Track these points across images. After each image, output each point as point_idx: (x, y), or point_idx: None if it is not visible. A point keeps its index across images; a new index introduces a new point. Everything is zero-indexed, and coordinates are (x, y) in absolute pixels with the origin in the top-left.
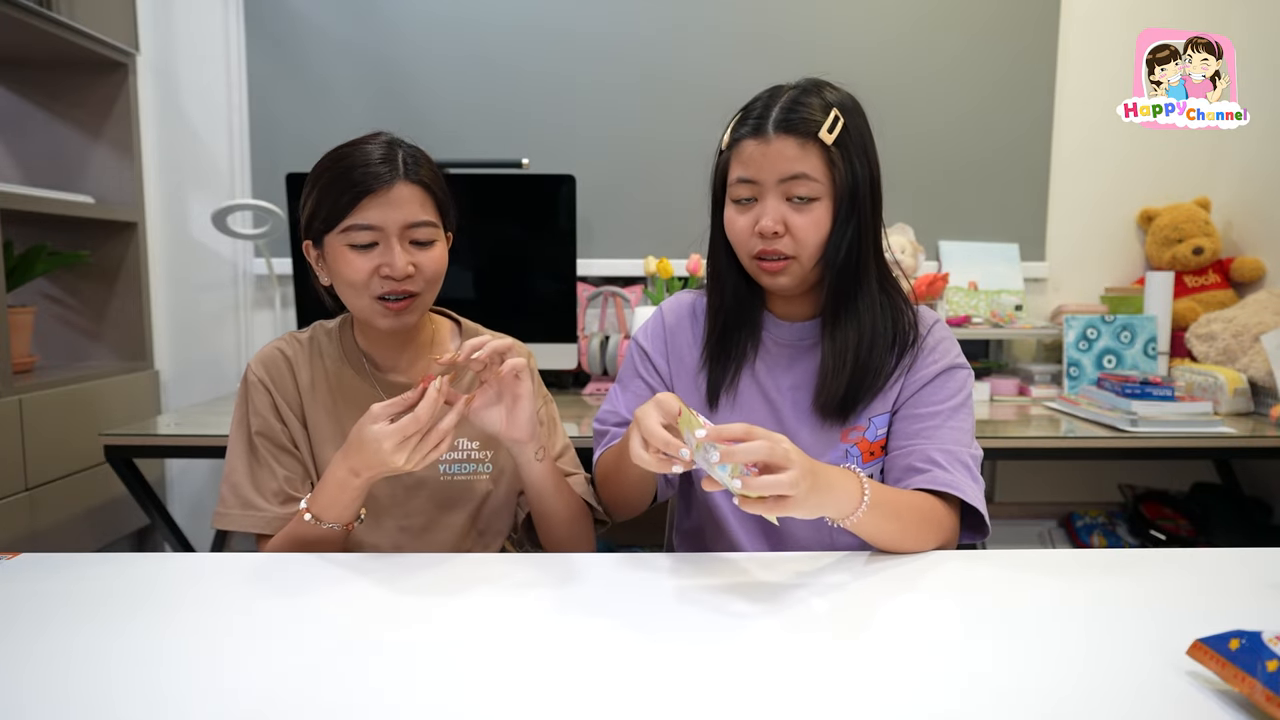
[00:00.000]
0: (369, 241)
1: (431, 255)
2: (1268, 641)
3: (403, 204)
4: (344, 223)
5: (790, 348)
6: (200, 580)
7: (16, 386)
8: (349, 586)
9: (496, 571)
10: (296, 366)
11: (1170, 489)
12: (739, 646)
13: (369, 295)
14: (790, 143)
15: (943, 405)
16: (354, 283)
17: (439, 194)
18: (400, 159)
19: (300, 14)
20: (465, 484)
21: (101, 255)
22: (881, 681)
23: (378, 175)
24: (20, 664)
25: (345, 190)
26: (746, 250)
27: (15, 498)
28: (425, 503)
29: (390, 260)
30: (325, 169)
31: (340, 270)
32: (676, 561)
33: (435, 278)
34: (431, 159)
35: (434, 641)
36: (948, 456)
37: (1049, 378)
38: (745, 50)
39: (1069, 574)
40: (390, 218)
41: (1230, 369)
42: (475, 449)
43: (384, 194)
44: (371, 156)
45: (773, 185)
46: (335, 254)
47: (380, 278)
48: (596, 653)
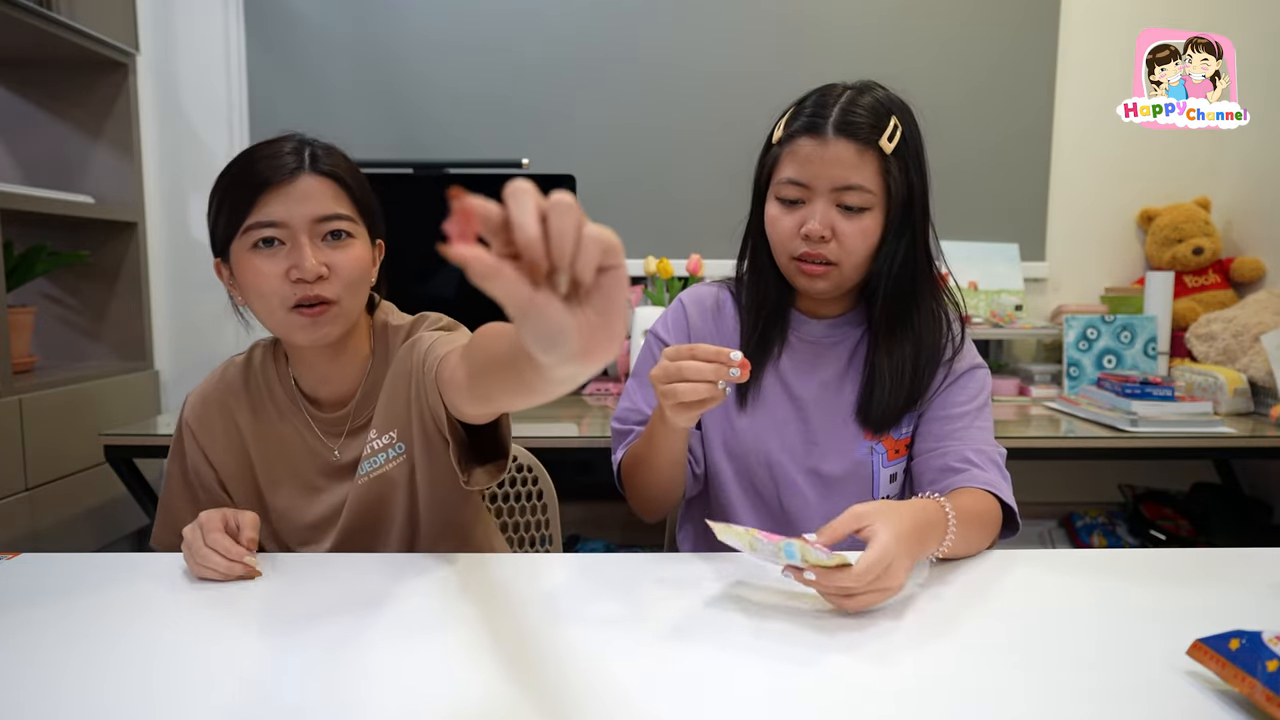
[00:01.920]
0: (272, 237)
1: (349, 255)
2: (1268, 641)
3: (310, 196)
4: (246, 221)
5: (816, 344)
6: (200, 580)
7: (16, 386)
8: (352, 586)
9: (497, 572)
10: (233, 408)
11: (1170, 489)
12: (741, 646)
13: (282, 306)
14: (849, 147)
15: (969, 406)
16: (263, 291)
17: (355, 188)
18: (307, 152)
19: (300, 14)
20: (384, 477)
21: (101, 255)
22: (881, 680)
23: (280, 166)
24: (20, 663)
25: (245, 186)
26: (787, 251)
27: (15, 497)
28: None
29: (299, 259)
30: (226, 172)
31: (247, 280)
32: (679, 561)
33: (355, 282)
34: (349, 158)
35: (436, 642)
36: (980, 456)
37: (1049, 378)
38: (745, 50)
39: (1069, 574)
40: (296, 212)
41: (1230, 369)
42: (378, 438)
43: (288, 186)
44: (274, 150)
45: (825, 191)
46: (240, 263)
47: (291, 283)
48: (597, 653)
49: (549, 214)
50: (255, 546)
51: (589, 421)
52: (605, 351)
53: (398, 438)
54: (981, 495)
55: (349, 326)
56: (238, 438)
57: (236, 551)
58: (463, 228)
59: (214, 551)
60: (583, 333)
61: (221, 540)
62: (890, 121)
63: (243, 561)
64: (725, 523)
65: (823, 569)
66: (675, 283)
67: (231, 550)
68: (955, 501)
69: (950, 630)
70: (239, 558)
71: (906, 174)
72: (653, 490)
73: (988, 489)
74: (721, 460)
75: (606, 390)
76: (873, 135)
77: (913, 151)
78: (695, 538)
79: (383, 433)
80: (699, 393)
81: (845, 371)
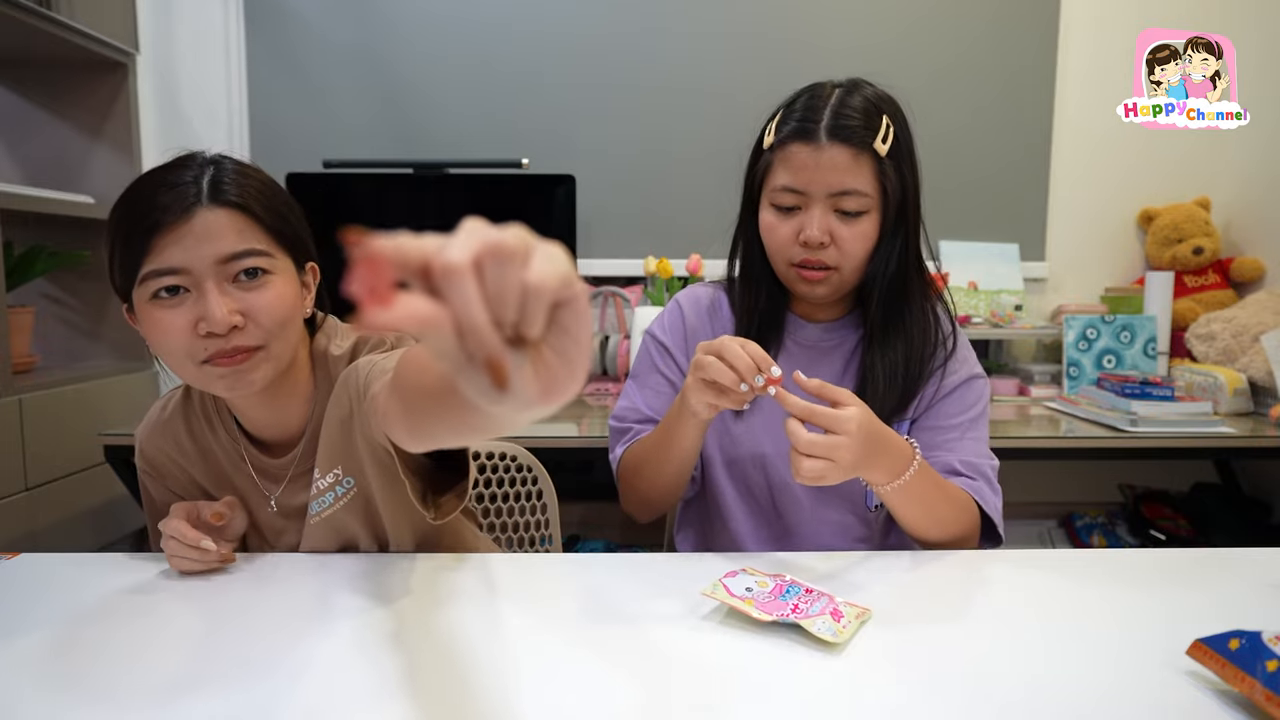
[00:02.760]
0: (175, 285)
1: (267, 295)
2: (1267, 641)
3: (212, 234)
4: (141, 270)
5: (813, 349)
6: (201, 579)
7: (16, 386)
8: (357, 585)
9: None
10: (177, 457)
11: (1170, 489)
12: (741, 645)
13: (193, 363)
14: (844, 152)
15: (962, 417)
16: (170, 349)
17: (267, 216)
18: (204, 180)
19: (300, 15)
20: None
21: (101, 256)
22: (880, 678)
23: (169, 205)
24: (20, 662)
25: (135, 229)
26: (785, 258)
27: (15, 497)
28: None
29: (206, 311)
30: (117, 206)
31: (151, 335)
32: (678, 561)
33: (278, 324)
34: (262, 175)
35: (435, 643)
36: (968, 467)
37: (1049, 378)
38: (745, 51)
39: (1069, 574)
40: (196, 254)
41: (1230, 369)
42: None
43: (182, 226)
44: (169, 179)
45: (821, 197)
46: (143, 315)
47: (201, 337)
48: (597, 653)
49: (483, 266)
50: (225, 520)
51: (589, 421)
52: (565, 392)
53: (344, 473)
54: (962, 494)
55: (281, 369)
56: (191, 480)
57: (193, 537)
58: (373, 279)
59: (173, 539)
60: (539, 379)
61: (179, 528)
62: (882, 121)
63: (199, 546)
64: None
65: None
66: (675, 283)
67: (188, 536)
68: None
69: (949, 629)
70: (195, 542)
71: (901, 174)
72: (656, 490)
73: (971, 494)
74: (717, 464)
75: (606, 390)
76: (867, 138)
77: (905, 150)
78: (695, 540)
79: (325, 471)
80: (724, 375)
81: (842, 376)
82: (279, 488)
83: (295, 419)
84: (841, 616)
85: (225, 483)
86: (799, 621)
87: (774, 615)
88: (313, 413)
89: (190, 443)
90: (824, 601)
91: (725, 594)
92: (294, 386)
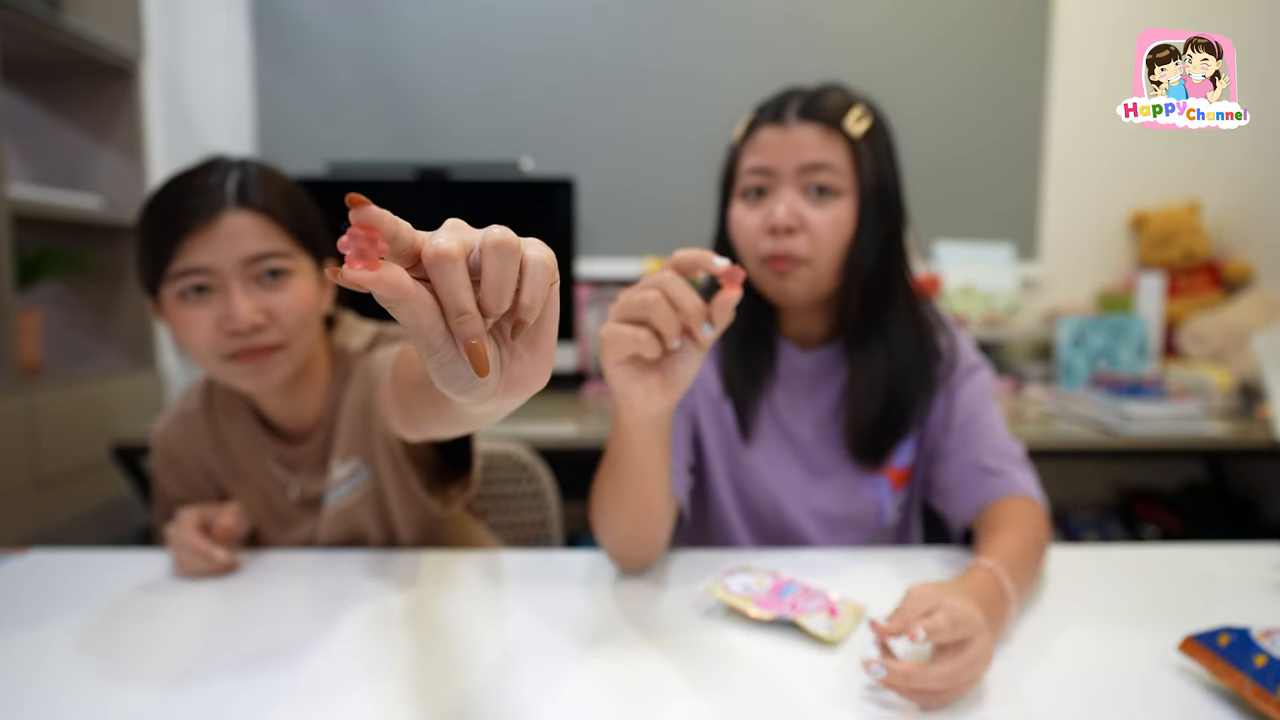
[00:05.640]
0: (201, 284)
1: (289, 295)
2: (1257, 637)
3: (237, 236)
4: (169, 268)
5: (810, 378)
6: (204, 576)
7: (25, 387)
8: (363, 578)
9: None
10: (197, 448)
11: (1161, 488)
12: (739, 642)
13: (217, 357)
14: (813, 130)
15: (975, 407)
16: (195, 345)
17: (290, 219)
18: (230, 184)
19: (306, 20)
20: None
21: (109, 258)
22: None
23: (199, 208)
24: (32, 656)
25: (164, 230)
26: (755, 253)
27: (25, 496)
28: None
29: (230, 309)
30: (147, 207)
31: (177, 331)
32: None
33: (299, 324)
34: (285, 178)
35: (437, 638)
36: (999, 458)
37: (1042, 377)
38: (744, 51)
39: (1061, 571)
40: (223, 255)
41: (1220, 370)
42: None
43: (210, 228)
44: (197, 184)
45: (790, 174)
46: (170, 311)
47: (225, 335)
48: (597, 649)
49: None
50: (231, 533)
51: (589, 421)
52: (533, 384)
53: (361, 464)
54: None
55: (301, 364)
56: (208, 475)
57: (204, 548)
58: (364, 247)
59: (183, 549)
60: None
61: (190, 539)
62: (857, 109)
63: (210, 555)
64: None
65: (896, 666)
66: None
67: (199, 547)
68: (1000, 549)
69: None
70: (206, 553)
71: (878, 161)
72: (621, 526)
73: (1023, 494)
74: (726, 493)
75: (606, 391)
76: (837, 117)
77: (883, 145)
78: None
79: (344, 461)
80: (667, 321)
81: (839, 406)
82: (299, 477)
83: (312, 410)
84: (838, 614)
85: (240, 473)
86: (796, 619)
87: (772, 613)
88: (330, 404)
89: (210, 432)
90: (820, 599)
91: (724, 592)
92: (312, 380)
